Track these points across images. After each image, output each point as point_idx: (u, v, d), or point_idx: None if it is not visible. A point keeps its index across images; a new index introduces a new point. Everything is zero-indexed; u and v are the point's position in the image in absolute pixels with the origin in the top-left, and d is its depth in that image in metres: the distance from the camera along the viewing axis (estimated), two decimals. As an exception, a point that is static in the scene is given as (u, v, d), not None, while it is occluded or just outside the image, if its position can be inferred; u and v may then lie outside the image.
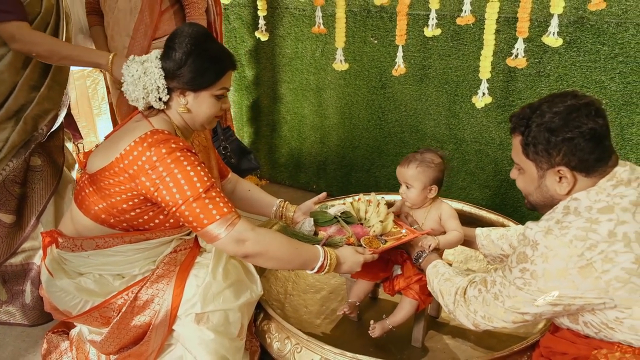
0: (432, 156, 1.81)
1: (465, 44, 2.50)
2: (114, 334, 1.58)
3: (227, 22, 3.13)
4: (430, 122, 2.73)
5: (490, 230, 1.84)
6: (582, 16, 2.21)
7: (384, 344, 1.85)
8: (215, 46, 1.56)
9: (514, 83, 2.44)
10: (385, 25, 2.66)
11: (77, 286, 1.57)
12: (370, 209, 1.84)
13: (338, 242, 1.69)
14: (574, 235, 1.19)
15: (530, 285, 1.25)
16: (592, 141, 1.22)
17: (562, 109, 1.25)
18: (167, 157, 1.43)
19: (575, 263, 1.18)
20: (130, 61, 1.53)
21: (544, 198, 1.33)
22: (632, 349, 1.20)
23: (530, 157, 1.30)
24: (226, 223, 1.43)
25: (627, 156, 2.31)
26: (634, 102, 2.23)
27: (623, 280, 1.16)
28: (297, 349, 1.63)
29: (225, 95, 1.59)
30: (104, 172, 1.50)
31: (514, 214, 2.54)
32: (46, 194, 2.02)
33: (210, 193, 1.44)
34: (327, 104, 3.01)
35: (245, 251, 1.45)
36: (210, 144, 1.86)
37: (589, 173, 1.26)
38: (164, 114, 1.57)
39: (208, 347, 1.52)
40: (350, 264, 1.60)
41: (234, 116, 3.37)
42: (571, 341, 1.31)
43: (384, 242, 1.74)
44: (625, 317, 1.19)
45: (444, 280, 1.54)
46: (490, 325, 1.39)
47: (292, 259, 1.52)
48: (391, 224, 1.81)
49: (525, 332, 1.83)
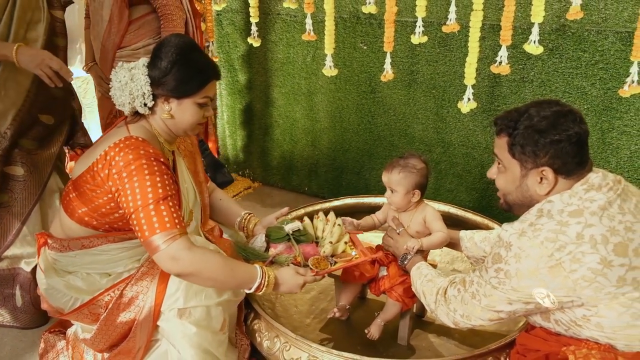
0: (415, 161, 1.86)
1: (451, 50, 2.56)
2: (103, 330, 1.65)
3: (220, 27, 3.18)
4: (418, 126, 2.79)
5: (474, 233, 1.91)
6: (563, 24, 2.28)
7: (370, 342, 1.91)
8: (200, 56, 1.62)
9: (499, 88, 2.51)
10: (375, 32, 2.72)
11: (66, 284, 1.65)
12: (327, 227, 1.86)
13: (284, 261, 1.70)
14: (545, 237, 1.26)
15: (505, 285, 1.32)
16: (576, 145, 1.30)
17: (549, 113, 1.32)
18: (132, 163, 1.49)
19: (545, 263, 1.25)
20: (119, 67, 1.60)
21: (522, 197, 1.38)
22: (598, 345, 1.27)
23: (516, 157, 1.35)
24: (166, 237, 1.45)
25: (608, 159, 2.38)
26: (613, 107, 2.30)
27: (589, 280, 1.23)
28: (286, 347, 1.69)
29: (209, 104, 1.65)
30: (83, 177, 1.59)
31: (500, 216, 2.59)
32: (29, 203, 2.04)
33: (159, 205, 1.47)
34: (318, 107, 3.07)
35: (178, 270, 1.47)
36: (197, 149, 1.91)
37: (569, 176, 1.32)
38: (145, 121, 1.63)
39: (191, 340, 1.59)
40: (289, 285, 1.61)
41: (226, 119, 3.43)
42: (543, 339, 1.38)
43: (333, 263, 1.75)
44: (592, 315, 1.26)
45: (427, 281, 1.61)
46: (469, 324, 1.46)
47: (227, 280, 1.54)
48: (342, 246, 1.82)
49: (507, 330, 1.90)
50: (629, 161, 2.35)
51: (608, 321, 1.25)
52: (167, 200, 1.49)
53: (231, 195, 3.30)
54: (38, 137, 2.06)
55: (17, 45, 1.78)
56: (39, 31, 1.97)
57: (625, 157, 2.35)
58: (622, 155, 2.35)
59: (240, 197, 3.31)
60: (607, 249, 1.22)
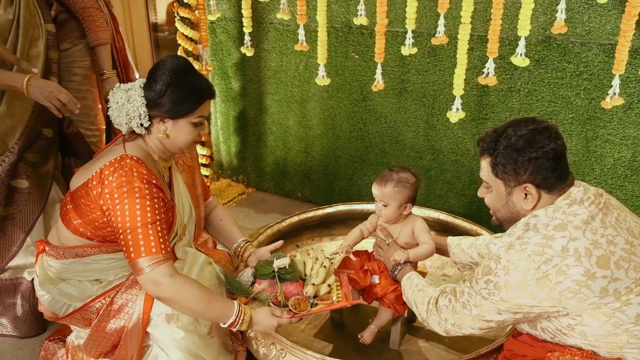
0: (407, 175, 1.89)
1: (441, 60, 2.62)
2: (94, 337, 1.71)
3: (214, 35, 3.22)
4: (409, 134, 2.85)
5: (461, 239, 1.97)
6: (549, 36, 2.35)
7: (363, 347, 1.97)
8: (194, 77, 1.66)
9: (487, 97, 2.58)
10: (366, 41, 2.78)
11: (59, 292, 1.72)
12: (315, 266, 1.88)
13: (264, 299, 1.75)
14: (532, 250, 1.33)
15: (494, 295, 1.38)
16: (554, 160, 1.37)
17: (525, 132, 1.39)
18: (124, 185, 1.54)
19: (532, 275, 1.32)
20: (116, 89, 1.65)
21: (510, 214, 1.46)
22: (581, 351, 1.34)
23: (500, 177, 1.42)
24: (150, 262, 1.51)
25: (592, 167, 2.45)
26: (597, 117, 2.37)
27: (574, 291, 1.29)
28: (282, 354, 1.74)
29: (204, 123, 1.70)
30: (79, 191, 1.64)
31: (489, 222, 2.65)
32: (33, 215, 2.09)
33: (147, 229, 1.53)
34: (310, 115, 3.12)
35: (158, 294, 1.54)
36: (196, 164, 1.96)
37: (551, 190, 1.39)
38: (142, 140, 1.68)
39: (179, 344, 1.64)
40: (263, 326, 1.64)
41: (220, 126, 3.47)
42: (530, 344, 1.44)
43: (314, 304, 1.77)
44: (576, 324, 1.33)
45: (418, 291, 1.67)
46: (459, 332, 1.53)
47: (203, 312, 1.59)
48: (325, 288, 1.82)
49: (494, 335, 1.96)
50: (612, 168, 2.43)
51: (591, 330, 1.32)
52: (156, 224, 1.55)
53: (225, 201, 3.35)
54: (40, 150, 2.11)
55: (28, 77, 1.81)
56: (39, 47, 2.02)
57: (609, 164, 2.43)
58: (606, 162, 2.43)
59: (234, 203, 3.36)
60: (590, 262, 1.29)
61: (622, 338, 1.30)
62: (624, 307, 1.29)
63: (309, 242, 2.58)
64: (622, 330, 1.29)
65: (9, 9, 1.92)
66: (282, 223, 2.48)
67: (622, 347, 1.31)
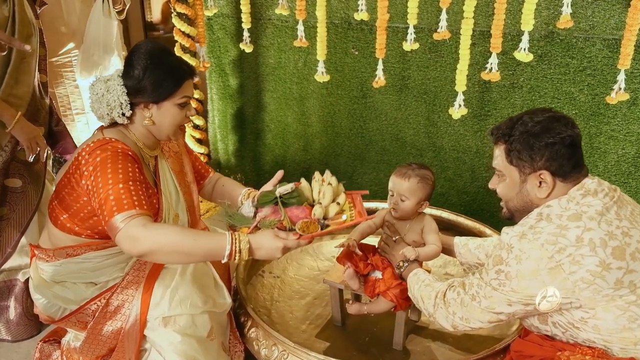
0: (429, 173, 1.86)
1: (442, 56, 2.59)
2: (90, 339, 1.68)
3: (211, 32, 3.18)
4: (410, 131, 2.82)
5: (468, 240, 1.94)
6: (552, 31, 2.32)
7: (366, 347, 1.93)
8: (171, 58, 1.65)
9: (489, 94, 2.55)
10: (366, 37, 2.74)
11: (54, 295, 1.68)
12: (322, 188, 1.74)
13: (268, 225, 1.59)
14: (545, 239, 1.30)
15: (505, 286, 1.35)
16: (570, 147, 1.35)
17: (542, 118, 1.38)
18: (97, 157, 1.52)
19: (545, 264, 1.29)
20: (96, 80, 1.62)
21: (523, 203, 1.43)
22: (592, 350, 1.31)
23: (514, 163, 1.40)
24: (125, 217, 1.43)
25: (596, 164, 2.43)
26: (601, 113, 2.34)
27: (588, 282, 1.26)
28: (284, 355, 1.70)
29: (189, 103, 1.66)
30: (61, 183, 1.62)
31: (491, 220, 2.64)
32: (28, 214, 2.05)
33: (118, 188, 1.46)
34: (310, 112, 3.08)
35: (138, 249, 1.43)
36: (183, 149, 1.90)
37: (566, 178, 1.37)
38: (122, 127, 1.65)
39: (176, 348, 1.61)
40: (267, 250, 1.50)
41: (218, 124, 3.43)
42: (538, 344, 1.41)
43: (325, 226, 1.62)
44: (590, 318, 1.30)
45: (425, 286, 1.64)
46: (468, 326, 1.48)
47: (191, 251, 1.45)
48: (335, 208, 1.68)
49: (500, 334, 1.94)
50: (616, 165, 2.40)
51: (605, 323, 1.29)
52: (128, 184, 1.48)
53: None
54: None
55: (19, 115, 1.89)
56: (33, 45, 1.99)
57: (612, 161, 2.40)
58: (610, 159, 2.40)
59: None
60: (605, 252, 1.26)
61: (636, 333, 1.27)
62: (639, 300, 1.26)
63: (309, 241, 2.53)
64: (637, 324, 1.27)
65: (3, 6, 1.90)
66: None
67: (637, 343, 1.28)
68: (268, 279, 2.29)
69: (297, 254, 2.46)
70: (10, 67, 1.91)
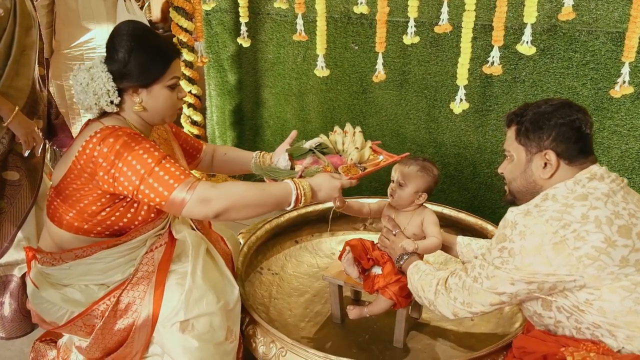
0: (432, 166, 1.87)
1: (443, 50, 2.56)
2: (99, 340, 1.60)
3: (209, 27, 3.15)
4: (410, 126, 2.79)
5: (471, 240, 1.90)
6: (555, 24, 2.29)
7: (366, 345, 1.90)
8: (156, 38, 1.58)
9: (491, 88, 2.52)
10: (366, 32, 2.71)
11: (62, 297, 1.60)
12: (346, 139, 1.81)
13: (314, 172, 1.64)
14: (550, 216, 1.30)
15: (508, 264, 1.33)
16: (578, 131, 1.36)
17: (556, 102, 1.42)
18: (115, 144, 1.46)
19: (550, 239, 1.27)
20: (77, 70, 1.56)
21: (526, 183, 1.43)
22: (597, 347, 1.27)
23: (522, 142, 1.42)
24: (186, 187, 1.42)
25: (599, 159, 2.39)
26: (604, 107, 2.31)
27: (593, 258, 1.25)
28: (282, 352, 1.67)
29: (179, 84, 1.61)
30: (65, 180, 1.54)
31: (492, 216, 2.60)
32: (25, 207, 2.02)
33: (163, 164, 1.45)
34: (309, 108, 3.05)
35: (214, 209, 1.43)
36: (171, 136, 1.85)
37: (571, 161, 1.37)
38: (117, 115, 1.59)
39: (192, 355, 1.54)
40: (326, 190, 1.56)
41: (216, 120, 3.40)
42: (541, 339, 1.38)
43: (362, 169, 1.71)
44: (595, 299, 1.27)
45: (425, 275, 1.61)
46: (469, 312, 1.45)
47: (263, 201, 1.48)
48: (368, 152, 1.78)
49: (503, 332, 1.90)
50: (619, 160, 2.37)
51: (611, 305, 1.26)
52: (167, 158, 1.47)
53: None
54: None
55: (17, 111, 1.87)
56: (33, 37, 1.97)
57: (616, 156, 2.37)
58: (613, 154, 2.37)
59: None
60: (611, 230, 1.25)
61: None
62: None
63: (309, 237, 2.50)
64: None
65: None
66: (281, 218, 2.41)
67: None
68: (266, 276, 2.25)
69: (296, 251, 2.43)
70: (11, 60, 1.89)
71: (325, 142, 1.81)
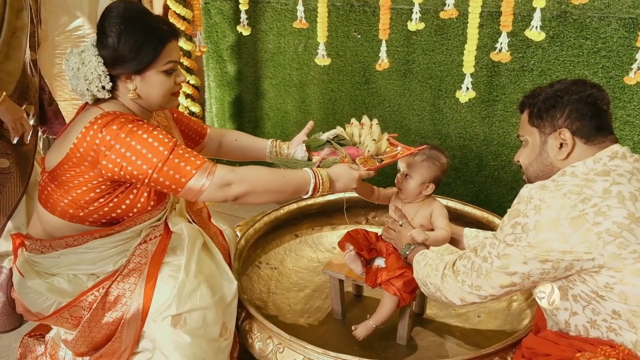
0: (439, 154, 1.80)
1: (449, 38, 2.48)
2: (85, 333, 1.53)
3: (208, 16, 3.07)
4: (414, 118, 2.71)
5: (479, 232, 1.83)
6: (565, 10, 2.20)
7: (368, 342, 1.82)
8: (149, 18, 1.47)
9: (498, 78, 2.43)
10: (369, 20, 2.63)
11: (49, 287, 1.53)
12: (363, 131, 1.80)
13: (332, 163, 1.64)
14: (569, 189, 1.23)
15: (521, 240, 1.25)
16: (593, 106, 1.29)
17: (569, 81, 1.36)
18: (119, 132, 1.38)
19: (567, 213, 1.19)
20: (69, 54, 1.48)
21: (543, 167, 1.36)
22: (616, 352, 1.18)
23: (535, 124, 1.36)
24: (205, 173, 1.40)
25: (610, 151, 2.31)
26: (616, 97, 2.23)
27: (614, 234, 1.17)
28: (280, 349, 1.60)
29: (176, 69, 1.51)
30: (62, 166, 1.46)
31: (499, 210, 2.52)
32: (15, 196, 1.96)
33: (177, 151, 1.41)
34: (310, 99, 2.97)
35: (234, 193, 1.43)
36: (172, 123, 1.77)
37: (588, 140, 1.30)
38: (116, 100, 1.51)
39: (184, 351, 1.47)
40: (345, 180, 1.56)
41: (215, 112, 3.33)
42: (554, 342, 1.28)
43: (380, 161, 1.71)
44: (616, 283, 1.19)
45: (432, 260, 1.53)
46: (477, 295, 1.36)
47: (282, 188, 1.49)
48: (385, 144, 1.77)
49: (511, 329, 1.83)
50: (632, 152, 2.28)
51: (633, 290, 1.18)
52: (179, 145, 1.43)
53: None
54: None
55: (4, 96, 1.82)
56: (24, 19, 1.92)
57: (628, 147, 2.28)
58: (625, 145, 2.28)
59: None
60: (635, 206, 1.18)
61: None
62: None
63: (309, 231, 2.43)
64: None
65: None
66: (280, 210, 2.34)
67: None
68: (265, 270, 2.18)
69: (296, 245, 2.36)
70: (1, 42, 1.84)
71: (342, 134, 1.80)
